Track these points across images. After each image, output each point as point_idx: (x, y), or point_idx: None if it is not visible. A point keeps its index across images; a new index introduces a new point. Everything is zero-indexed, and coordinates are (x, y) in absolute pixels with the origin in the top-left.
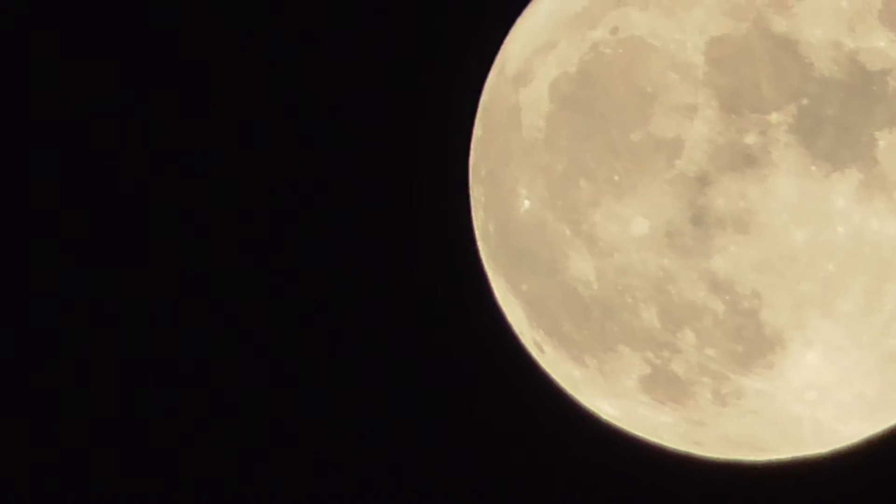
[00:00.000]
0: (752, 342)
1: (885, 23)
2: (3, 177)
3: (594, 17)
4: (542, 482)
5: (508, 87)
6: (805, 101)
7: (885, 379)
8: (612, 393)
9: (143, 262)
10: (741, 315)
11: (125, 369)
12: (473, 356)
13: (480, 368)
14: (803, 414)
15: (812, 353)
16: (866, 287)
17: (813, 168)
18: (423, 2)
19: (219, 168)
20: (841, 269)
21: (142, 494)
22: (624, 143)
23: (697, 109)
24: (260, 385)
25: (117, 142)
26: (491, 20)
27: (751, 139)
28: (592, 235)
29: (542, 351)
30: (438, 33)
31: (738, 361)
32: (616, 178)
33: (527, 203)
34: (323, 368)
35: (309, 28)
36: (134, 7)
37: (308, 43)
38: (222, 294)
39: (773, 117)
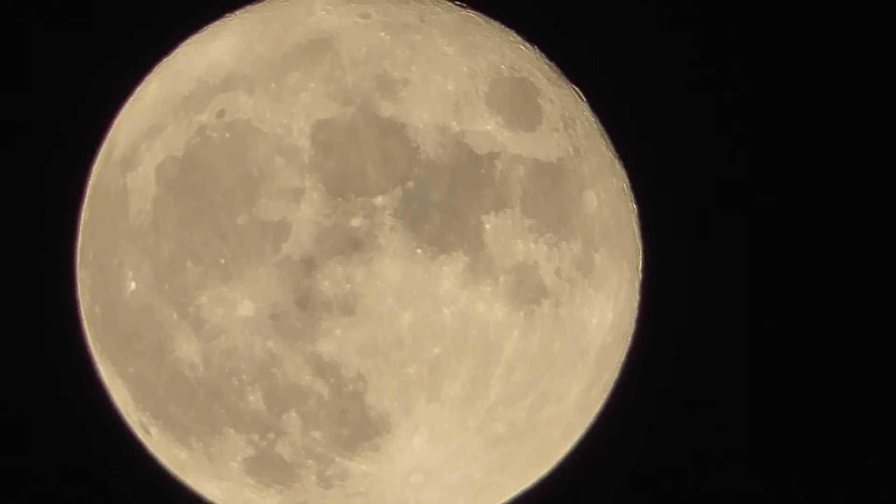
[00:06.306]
0: (358, 425)
1: (492, 106)
2: None
3: (200, 101)
4: None
5: (115, 172)
6: (411, 185)
7: (491, 461)
8: (219, 476)
9: None
10: (346, 398)
11: None
12: (79, 439)
13: (86, 450)
14: (409, 496)
15: (418, 436)
16: (472, 371)
17: (419, 251)
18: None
19: None
20: (447, 352)
21: None
22: (230, 227)
23: (304, 193)
24: None
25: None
26: (98, 103)
27: (356, 222)
28: (199, 318)
29: (148, 433)
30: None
31: (343, 444)
32: (222, 261)
33: (133, 285)
34: None
35: None
36: None
37: None
38: None
39: (379, 201)
